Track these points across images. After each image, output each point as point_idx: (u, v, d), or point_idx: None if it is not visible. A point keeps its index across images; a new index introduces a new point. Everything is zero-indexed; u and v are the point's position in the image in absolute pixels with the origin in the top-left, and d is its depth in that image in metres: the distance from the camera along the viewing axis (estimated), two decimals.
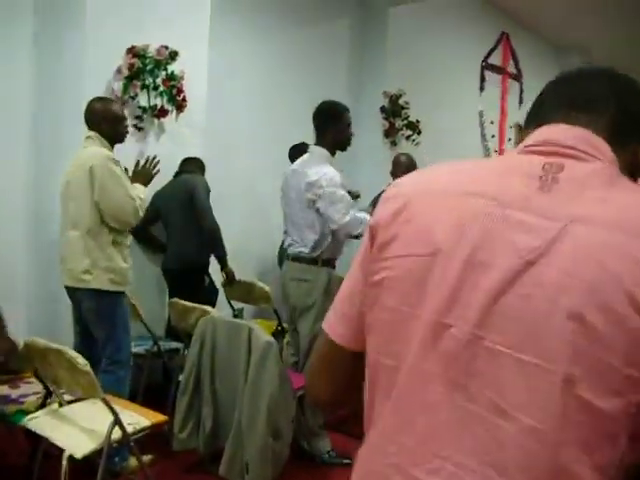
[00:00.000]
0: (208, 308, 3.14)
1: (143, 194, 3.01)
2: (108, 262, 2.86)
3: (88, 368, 2.16)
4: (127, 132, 3.04)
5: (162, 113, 3.72)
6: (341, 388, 0.94)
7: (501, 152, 8.00)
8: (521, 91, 8.28)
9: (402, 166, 4.03)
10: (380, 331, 0.82)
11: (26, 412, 2.52)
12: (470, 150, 7.42)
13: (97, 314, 2.93)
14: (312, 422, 3.14)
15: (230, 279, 3.88)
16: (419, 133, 5.86)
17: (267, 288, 3.99)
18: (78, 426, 2.38)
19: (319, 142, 3.16)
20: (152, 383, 3.69)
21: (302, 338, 3.14)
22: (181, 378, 3.17)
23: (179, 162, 3.88)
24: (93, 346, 3.00)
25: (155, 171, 3.18)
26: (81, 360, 2.17)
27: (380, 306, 0.81)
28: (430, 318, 0.75)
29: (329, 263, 3.14)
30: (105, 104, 3.02)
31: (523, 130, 0.88)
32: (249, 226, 4.68)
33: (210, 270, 3.90)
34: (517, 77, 8.16)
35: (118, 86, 3.56)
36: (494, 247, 0.73)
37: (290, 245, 3.18)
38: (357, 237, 3.09)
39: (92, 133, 2.93)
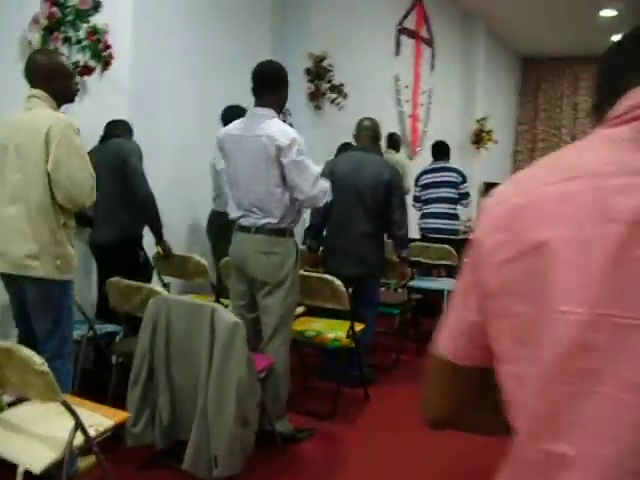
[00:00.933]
0: (157, 288, 2.84)
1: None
2: (57, 247, 2.47)
3: (46, 368, 1.85)
4: (78, 90, 2.63)
5: (86, 70, 3.31)
6: (460, 405, 0.93)
7: (414, 117, 8.01)
8: (433, 56, 8.29)
9: (366, 130, 3.84)
10: (507, 338, 0.78)
11: None
12: (388, 114, 7.36)
13: (44, 304, 2.54)
14: (275, 405, 2.96)
15: (167, 254, 3.57)
16: (345, 96, 5.69)
17: (204, 262, 3.72)
18: (28, 433, 2.06)
19: (263, 104, 2.89)
20: (83, 370, 3.34)
21: (270, 314, 2.92)
22: (115, 360, 2.88)
23: (104, 125, 3.48)
24: (33, 340, 2.64)
25: None
26: (37, 359, 1.85)
27: (501, 314, 0.78)
28: (550, 310, 0.71)
29: (294, 234, 2.94)
30: (53, 57, 2.59)
31: (598, 111, 0.83)
32: (175, 195, 4.33)
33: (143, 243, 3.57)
34: (429, 42, 8.16)
35: (35, 38, 3.10)
36: (595, 221, 0.70)
37: (243, 217, 2.93)
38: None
39: (37, 91, 2.49)
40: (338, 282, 3.27)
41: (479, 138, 9.58)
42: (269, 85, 2.89)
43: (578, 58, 11.59)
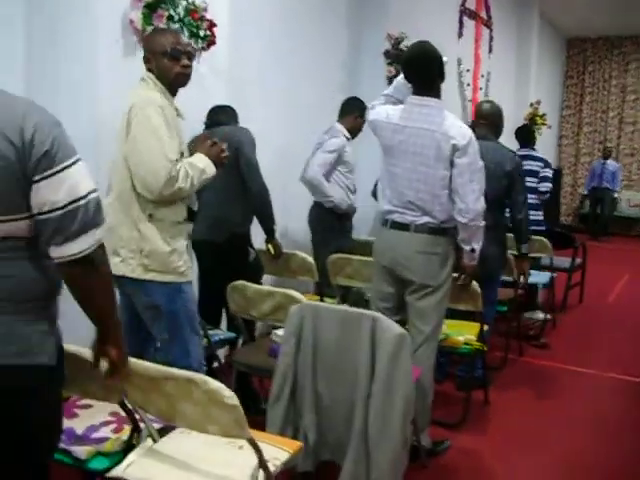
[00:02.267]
0: (294, 293, 2.54)
1: (203, 165, 2.25)
2: (141, 242, 2.20)
3: (236, 401, 1.55)
4: (185, 73, 2.30)
5: None
6: None
7: (474, 101, 7.64)
8: (491, 39, 7.92)
9: (482, 118, 3.47)
10: None
11: (106, 454, 1.86)
12: (452, 99, 7.01)
13: (146, 310, 2.29)
14: (422, 418, 2.66)
15: (278, 253, 3.26)
16: None
17: (310, 259, 3.41)
18: (196, 470, 1.75)
19: (426, 93, 2.59)
20: None
21: (426, 319, 2.63)
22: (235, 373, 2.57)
23: (205, 111, 3.17)
24: (143, 347, 2.37)
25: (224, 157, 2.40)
26: (227, 392, 1.55)
27: None
28: None
29: (453, 234, 2.65)
30: (150, 34, 2.33)
31: None
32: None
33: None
34: (488, 24, 7.78)
35: (137, 16, 2.79)
36: None
37: (398, 212, 2.63)
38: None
39: (145, 74, 2.26)
40: (474, 282, 2.95)
41: (532, 122, 9.19)
42: (432, 71, 2.58)
43: (627, 37, 11.15)
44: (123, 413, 1.99)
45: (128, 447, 1.87)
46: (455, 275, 2.75)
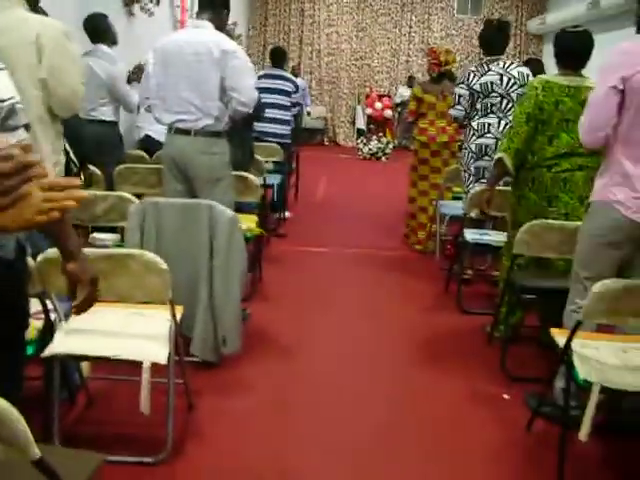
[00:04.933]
0: (127, 195, 2.89)
1: None
2: (54, 156, 2.43)
3: (167, 266, 2.01)
4: None
5: None
6: None
7: (182, 22, 8.00)
8: None
9: None
10: None
11: (29, 342, 2.10)
12: (162, 19, 7.26)
13: None
14: None
15: None
16: (158, 3, 5.57)
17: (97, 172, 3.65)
18: (123, 334, 2.12)
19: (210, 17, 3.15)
20: None
21: None
22: None
23: None
24: None
25: None
26: (159, 259, 1.99)
27: None
28: None
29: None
30: None
31: None
32: None
33: None
34: None
35: None
36: None
37: (181, 121, 3.09)
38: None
39: None
40: (252, 177, 3.63)
41: None
42: (207, 4, 3.15)
43: None
44: None
45: (43, 333, 2.14)
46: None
